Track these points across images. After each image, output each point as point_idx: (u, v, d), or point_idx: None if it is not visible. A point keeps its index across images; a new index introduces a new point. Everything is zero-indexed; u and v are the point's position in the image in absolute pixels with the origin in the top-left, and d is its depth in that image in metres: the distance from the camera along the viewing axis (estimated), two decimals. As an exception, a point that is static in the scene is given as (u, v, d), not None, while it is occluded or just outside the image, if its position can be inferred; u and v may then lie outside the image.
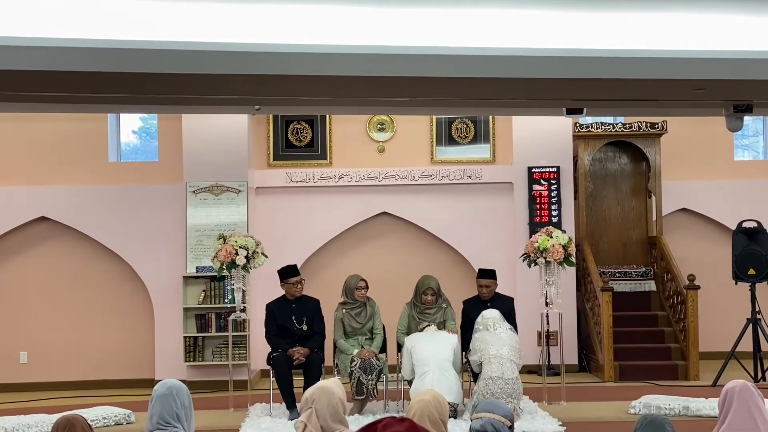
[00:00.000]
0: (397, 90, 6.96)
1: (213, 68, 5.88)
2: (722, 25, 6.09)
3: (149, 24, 5.60)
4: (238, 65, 5.85)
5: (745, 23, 6.10)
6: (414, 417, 3.98)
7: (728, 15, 6.06)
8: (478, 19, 5.88)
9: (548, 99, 7.55)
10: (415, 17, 5.83)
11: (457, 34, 5.89)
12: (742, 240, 10.01)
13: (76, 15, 5.52)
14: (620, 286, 10.99)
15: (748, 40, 6.13)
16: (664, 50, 6.07)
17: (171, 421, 4.18)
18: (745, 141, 12.98)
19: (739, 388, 4.47)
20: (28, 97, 7.18)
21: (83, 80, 6.11)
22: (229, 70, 5.90)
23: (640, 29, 6.03)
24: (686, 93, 7.01)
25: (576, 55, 6.01)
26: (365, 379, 7.94)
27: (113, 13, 5.55)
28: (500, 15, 5.89)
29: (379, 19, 5.81)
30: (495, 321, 8.08)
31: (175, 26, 5.64)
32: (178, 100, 7.55)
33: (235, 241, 8.59)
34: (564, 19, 5.95)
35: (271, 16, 5.71)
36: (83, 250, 10.74)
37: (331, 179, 10.95)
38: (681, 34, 6.07)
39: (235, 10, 5.68)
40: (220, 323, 10.16)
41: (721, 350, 10.25)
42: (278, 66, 5.90)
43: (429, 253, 11.17)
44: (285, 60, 5.85)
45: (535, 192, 10.80)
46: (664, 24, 6.04)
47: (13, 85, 6.35)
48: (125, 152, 11.66)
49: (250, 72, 5.96)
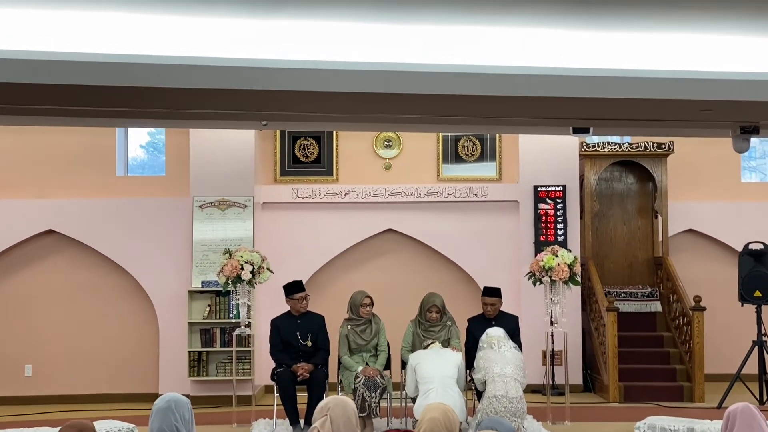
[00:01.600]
0: (404, 107, 6.97)
1: (221, 83, 5.90)
2: (730, 46, 6.10)
3: (158, 39, 5.63)
4: (246, 81, 5.88)
5: (752, 45, 6.11)
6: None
7: (736, 36, 6.07)
8: (485, 38, 5.90)
9: (555, 117, 7.56)
10: (422, 35, 5.85)
11: (464, 52, 5.91)
12: (748, 262, 9.99)
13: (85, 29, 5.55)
14: (626, 306, 10.96)
15: (755, 61, 6.14)
16: (672, 71, 6.09)
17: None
18: (753, 163, 12.98)
19: (741, 410, 4.46)
20: (37, 110, 7.21)
21: (92, 94, 6.14)
22: (237, 85, 5.93)
23: (647, 49, 6.05)
24: (693, 114, 7.02)
25: (583, 74, 6.03)
26: (368, 396, 7.92)
27: (122, 27, 5.58)
28: (508, 33, 5.91)
29: (387, 37, 5.83)
30: (499, 339, 8.06)
31: (184, 41, 5.67)
32: (185, 115, 7.59)
33: (241, 256, 8.61)
34: (571, 38, 5.97)
35: (279, 33, 5.74)
36: (89, 264, 10.76)
37: (338, 195, 10.96)
38: (688, 54, 6.09)
39: (244, 26, 5.70)
40: (225, 338, 10.15)
41: (727, 372, 10.23)
42: (286, 82, 5.93)
43: (434, 270, 11.17)
44: (293, 76, 5.88)
45: (541, 211, 10.80)
46: (671, 44, 6.05)
47: (23, 98, 6.38)
48: (133, 166, 11.70)
49: (258, 87, 5.98)
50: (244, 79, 5.85)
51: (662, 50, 6.05)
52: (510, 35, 5.91)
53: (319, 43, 5.79)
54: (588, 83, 6.11)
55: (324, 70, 5.84)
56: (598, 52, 6.01)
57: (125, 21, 5.58)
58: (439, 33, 5.86)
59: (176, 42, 5.65)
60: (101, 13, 5.53)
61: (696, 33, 6.01)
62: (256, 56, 5.74)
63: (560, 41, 5.97)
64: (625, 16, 5.79)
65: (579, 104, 6.63)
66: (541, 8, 5.67)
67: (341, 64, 5.83)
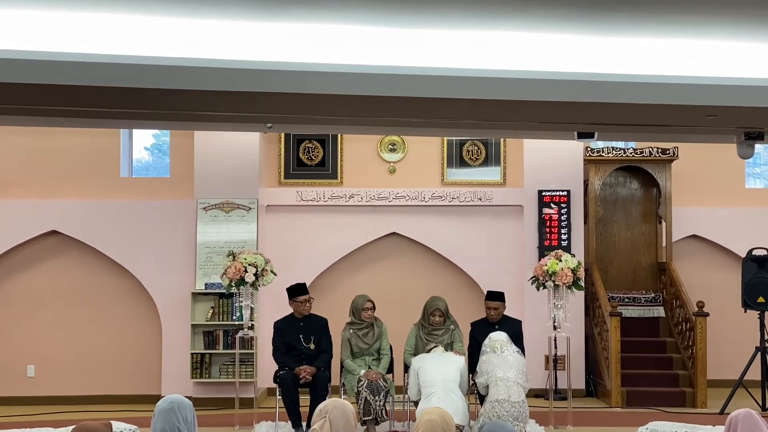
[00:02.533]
0: (409, 110, 6.98)
1: (226, 85, 5.91)
2: (735, 52, 6.10)
3: (163, 40, 5.64)
4: (252, 83, 5.89)
5: (758, 51, 6.12)
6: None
7: (741, 42, 6.07)
8: (490, 42, 5.91)
9: (559, 122, 7.56)
10: (427, 39, 5.86)
11: (470, 57, 5.92)
12: (751, 267, 9.99)
13: (91, 30, 5.56)
14: (629, 311, 10.96)
15: (760, 67, 6.15)
16: (677, 76, 6.09)
17: (172, 436, 4.18)
18: (757, 169, 12.97)
19: (743, 416, 4.45)
20: (41, 111, 7.23)
21: (97, 95, 6.15)
22: (242, 87, 5.94)
23: (652, 55, 6.05)
24: (698, 119, 7.02)
25: (588, 79, 6.04)
26: (372, 399, 7.92)
27: (128, 29, 5.59)
28: (513, 38, 5.92)
29: (392, 40, 5.84)
30: (502, 343, 8.06)
31: (189, 43, 5.68)
32: (190, 117, 7.59)
33: (245, 258, 8.61)
34: (576, 43, 5.97)
35: (284, 35, 5.75)
36: (93, 265, 10.77)
37: (342, 198, 10.96)
38: (693, 60, 6.09)
39: (250, 28, 5.71)
40: (228, 340, 10.15)
41: (730, 378, 10.22)
42: (291, 84, 5.94)
43: (438, 274, 11.17)
44: (298, 78, 5.89)
45: (545, 215, 10.80)
46: (676, 50, 6.06)
47: (28, 98, 6.40)
48: (137, 168, 11.71)
49: (263, 90, 5.99)
50: (249, 81, 5.86)
51: (667, 56, 6.05)
52: (515, 40, 5.92)
53: (325, 46, 5.80)
54: (593, 88, 6.11)
55: (329, 72, 5.85)
56: (603, 57, 6.02)
57: (130, 22, 5.59)
58: (445, 37, 5.87)
59: (181, 44, 5.67)
60: (106, 15, 5.54)
61: (701, 39, 6.01)
62: (262, 58, 5.75)
63: (565, 46, 5.97)
64: (631, 22, 5.79)
65: (584, 109, 6.63)
66: (546, 13, 5.67)
67: (346, 67, 5.84)
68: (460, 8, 5.60)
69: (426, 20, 5.72)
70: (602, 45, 5.99)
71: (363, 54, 5.83)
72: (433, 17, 5.69)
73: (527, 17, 5.71)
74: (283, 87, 5.96)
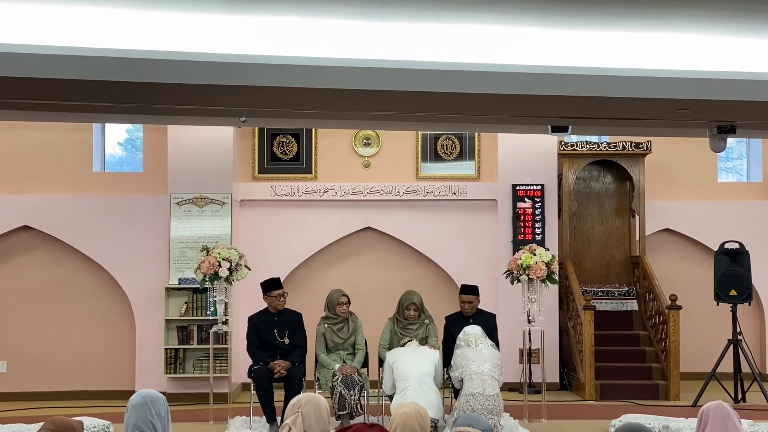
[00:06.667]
0: (383, 104, 6.97)
1: (199, 79, 5.87)
2: (707, 45, 6.13)
3: (136, 33, 5.59)
4: (225, 76, 5.85)
5: (729, 44, 6.15)
6: (396, 430, 3.98)
7: (713, 36, 6.10)
8: (464, 35, 5.90)
9: (533, 116, 7.57)
10: (402, 32, 5.84)
11: (444, 50, 5.91)
12: (724, 261, 10.06)
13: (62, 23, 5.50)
14: (602, 305, 11.01)
15: (732, 61, 6.18)
16: (649, 69, 6.11)
17: (146, 431, 4.16)
18: (729, 164, 13.07)
19: (715, 408, 4.48)
20: (12, 104, 7.15)
21: (68, 88, 6.08)
22: (216, 80, 5.90)
23: (625, 48, 6.07)
24: (670, 113, 7.06)
25: (561, 72, 6.04)
26: (347, 393, 7.92)
27: (100, 21, 5.54)
28: (486, 31, 5.91)
29: (366, 34, 5.82)
30: (477, 337, 8.09)
31: (162, 36, 5.63)
32: (164, 111, 7.53)
33: (219, 253, 8.58)
34: (549, 36, 5.98)
35: (258, 28, 5.72)
36: (65, 260, 10.69)
37: (316, 193, 10.94)
38: (665, 54, 6.11)
39: (223, 21, 5.68)
40: (202, 335, 10.11)
41: (702, 371, 10.30)
42: (265, 78, 5.91)
43: (412, 268, 11.17)
44: (271, 72, 5.86)
45: (519, 209, 10.82)
46: (648, 43, 6.08)
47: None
48: (110, 164, 11.63)
49: (237, 83, 5.95)
50: (223, 74, 5.83)
51: (639, 49, 6.07)
52: (488, 33, 5.92)
53: (298, 40, 5.77)
54: (566, 82, 6.12)
55: (303, 66, 5.83)
56: (576, 51, 6.03)
57: (101, 15, 5.53)
58: (419, 30, 5.86)
59: (153, 36, 5.62)
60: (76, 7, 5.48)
61: (673, 32, 6.04)
62: (235, 51, 5.71)
63: (539, 39, 5.98)
64: (603, 15, 5.81)
65: (557, 102, 6.65)
66: (519, 7, 5.68)
67: (320, 60, 5.82)
68: (434, 1, 5.60)
69: (399, 14, 5.71)
70: (575, 39, 6.00)
71: (337, 47, 5.81)
72: (406, 10, 5.68)
73: (500, 10, 5.72)
74: (257, 80, 5.93)
